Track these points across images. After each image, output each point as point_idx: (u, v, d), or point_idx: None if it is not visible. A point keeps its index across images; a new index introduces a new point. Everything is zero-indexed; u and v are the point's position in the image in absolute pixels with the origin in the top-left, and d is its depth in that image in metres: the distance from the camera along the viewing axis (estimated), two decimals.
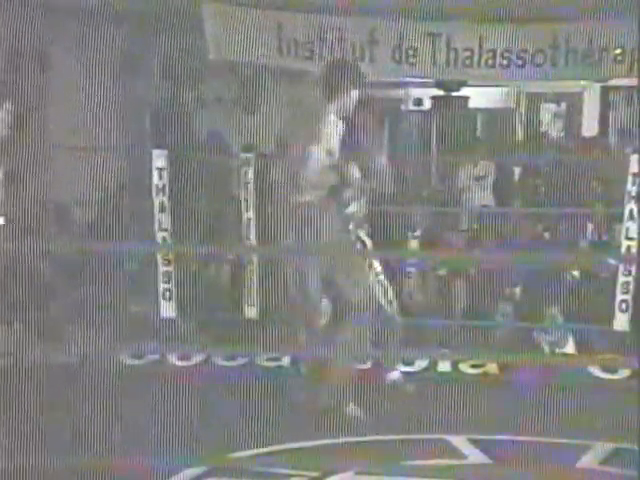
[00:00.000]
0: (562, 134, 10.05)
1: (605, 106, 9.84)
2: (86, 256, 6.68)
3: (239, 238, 6.99)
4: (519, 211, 7.87)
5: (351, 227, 5.39)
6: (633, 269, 6.61)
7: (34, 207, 5.80)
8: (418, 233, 7.59)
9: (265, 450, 4.81)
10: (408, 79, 8.68)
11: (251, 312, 6.89)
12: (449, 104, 9.45)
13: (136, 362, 6.42)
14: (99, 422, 4.81)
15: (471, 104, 9.75)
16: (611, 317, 6.64)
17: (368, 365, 6.18)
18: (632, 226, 6.65)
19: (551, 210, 7.57)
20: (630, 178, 6.69)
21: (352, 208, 5.33)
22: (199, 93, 8.36)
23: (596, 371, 6.34)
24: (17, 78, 5.94)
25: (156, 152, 6.94)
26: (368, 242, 5.91)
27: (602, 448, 4.84)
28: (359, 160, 5.26)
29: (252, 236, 6.94)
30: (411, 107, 10.05)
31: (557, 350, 6.73)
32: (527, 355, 6.59)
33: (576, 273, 7.19)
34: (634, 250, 6.61)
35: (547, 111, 10.14)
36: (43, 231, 6.61)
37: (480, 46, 7.72)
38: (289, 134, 5.20)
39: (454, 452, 4.84)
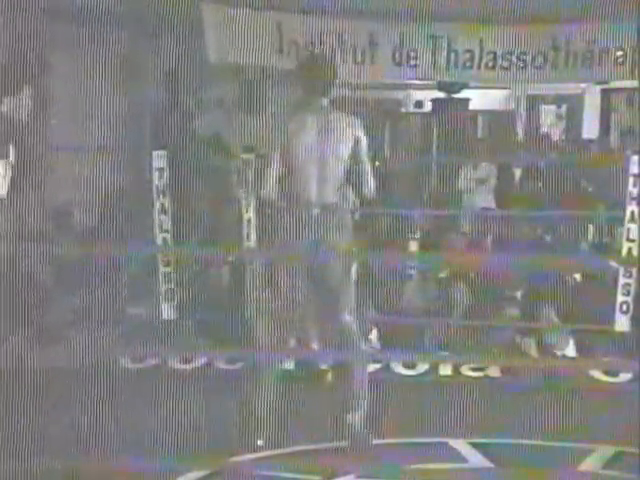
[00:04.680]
0: (563, 136, 10.05)
1: (606, 108, 9.84)
2: (87, 258, 6.67)
3: (239, 239, 6.98)
4: (520, 213, 7.86)
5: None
6: (634, 271, 6.61)
7: (34, 209, 5.79)
8: (418, 235, 7.58)
9: (266, 454, 4.81)
10: (409, 81, 8.68)
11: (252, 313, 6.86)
12: (450, 106, 9.45)
13: (137, 365, 6.42)
14: (99, 425, 4.80)
15: (472, 106, 9.75)
16: (612, 319, 6.64)
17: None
18: (633, 228, 6.64)
19: (552, 212, 7.56)
20: (631, 179, 6.68)
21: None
22: (199, 95, 8.35)
23: (597, 374, 6.35)
24: (16, 80, 5.93)
25: (156, 153, 6.93)
26: None
27: (604, 451, 4.83)
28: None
29: (252, 237, 6.92)
30: (412, 109, 10.05)
31: (557, 353, 6.72)
32: (527, 358, 6.59)
33: (577, 275, 7.19)
34: (635, 252, 6.61)
35: (548, 113, 10.15)
36: (43, 234, 6.60)
37: (481, 48, 7.72)
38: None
39: (455, 456, 4.83)
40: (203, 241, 7.29)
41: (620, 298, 6.65)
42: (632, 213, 6.66)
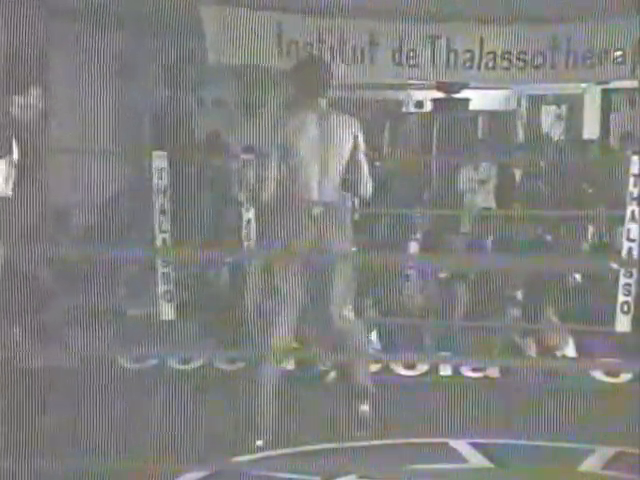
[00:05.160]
0: (563, 136, 10.05)
1: (606, 108, 9.84)
2: (86, 258, 6.67)
3: (240, 239, 6.97)
4: (520, 213, 7.85)
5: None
6: (635, 271, 6.60)
7: (33, 210, 5.78)
8: (419, 235, 7.57)
9: (264, 455, 4.80)
10: (409, 81, 8.67)
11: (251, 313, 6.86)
12: (450, 106, 9.45)
13: (135, 366, 6.41)
14: (98, 426, 4.79)
15: (472, 106, 9.76)
16: (613, 319, 6.63)
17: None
18: (633, 227, 6.64)
19: (552, 212, 7.56)
20: (631, 179, 6.68)
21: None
22: (199, 95, 8.36)
23: (598, 374, 6.34)
24: (15, 80, 5.92)
25: (156, 154, 6.92)
26: None
27: (604, 452, 4.82)
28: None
29: (252, 237, 6.92)
30: (412, 109, 10.05)
31: (557, 353, 6.72)
32: (527, 358, 6.59)
33: (577, 275, 7.18)
34: (635, 252, 6.60)
35: (548, 113, 10.14)
36: (44, 233, 6.59)
37: (480, 48, 7.71)
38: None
39: (455, 456, 4.83)
40: (203, 242, 7.28)
41: (621, 298, 6.65)
42: (632, 213, 6.66)
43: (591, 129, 9.78)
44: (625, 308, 6.62)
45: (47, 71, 6.61)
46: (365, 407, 5.09)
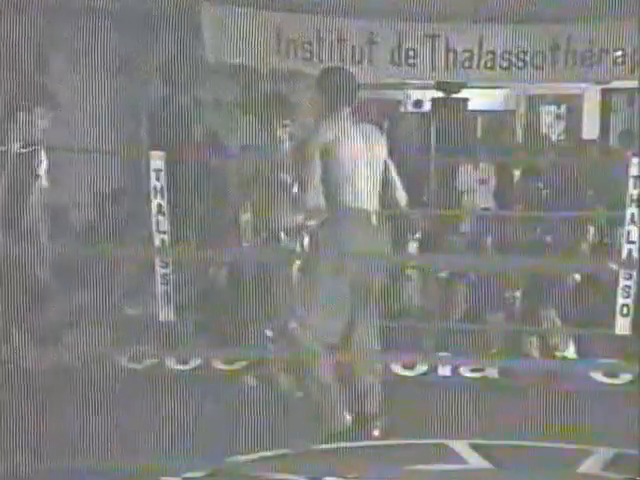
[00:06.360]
0: (562, 136, 10.03)
1: (606, 108, 9.82)
2: (84, 259, 6.65)
3: (238, 239, 6.96)
4: (520, 214, 7.84)
5: None
6: (634, 273, 6.58)
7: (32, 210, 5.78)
8: (418, 236, 7.56)
9: (263, 455, 4.79)
10: (408, 81, 8.67)
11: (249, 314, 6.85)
12: (449, 106, 9.43)
13: (134, 366, 6.40)
14: (97, 426, 4.79)
15: (471, 106, 9.74)
16: (613, 321, 6.62)
17: None
18: (633, 229, 6.62)
19: (552, 213, 7.55)
20: (631, 181, 6.66)
21: None
22: (197, 95, 8.33)
23: (597, 375, 6.33)
24: (13, 79, 5.92)
25: (153, 154, 6.90)
26: None
27: (604, 453, 4.81)
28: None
29: (250, 238, 6.90)
30: (411, 109, 10.03)
31: (557, 354, 6.71)
32: (528, 359, 6.58)
33: (577, 276, 7.17)
34: (635, 254, 6.59)
35: (547, 113, 10.12)
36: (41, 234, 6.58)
37: (480, 47, 7.70)
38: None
39: (455, 457, 4.82)
40: (202, 242, 7.26)
41: (620, 301, 6.63)
42: (632, 215, 6.64)
43: (591, 129, 9.76)
44: (625, 311, 6.60)
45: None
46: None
